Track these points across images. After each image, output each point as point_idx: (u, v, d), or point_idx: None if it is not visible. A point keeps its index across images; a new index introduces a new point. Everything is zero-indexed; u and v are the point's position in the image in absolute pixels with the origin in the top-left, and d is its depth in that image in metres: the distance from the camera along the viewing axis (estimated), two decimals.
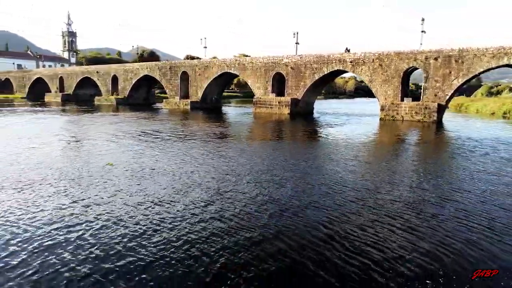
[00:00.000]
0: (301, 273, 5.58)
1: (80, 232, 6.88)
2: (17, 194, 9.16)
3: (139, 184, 10.28)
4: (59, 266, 5.59)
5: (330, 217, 7.94)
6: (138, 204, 8.55)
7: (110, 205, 8.47)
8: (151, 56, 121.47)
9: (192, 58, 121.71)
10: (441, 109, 32.21)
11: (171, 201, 8.85)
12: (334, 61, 37.53)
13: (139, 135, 21.16)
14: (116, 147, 16.77)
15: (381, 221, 7.74)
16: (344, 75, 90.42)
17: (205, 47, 55.44)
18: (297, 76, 39.87)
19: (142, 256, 5.96)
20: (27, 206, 8.25)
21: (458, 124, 32.56)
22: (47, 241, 6.47)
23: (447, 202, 9.25)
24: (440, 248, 6.44)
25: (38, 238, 6.60)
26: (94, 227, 7.13)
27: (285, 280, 5.42)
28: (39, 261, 5.74)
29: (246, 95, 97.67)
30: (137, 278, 5.31)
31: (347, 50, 39.44)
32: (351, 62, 36.60)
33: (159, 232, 6.98)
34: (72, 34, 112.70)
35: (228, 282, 5.25)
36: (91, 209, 8.17)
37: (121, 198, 8.96)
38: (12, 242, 6.42)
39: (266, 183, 10.61)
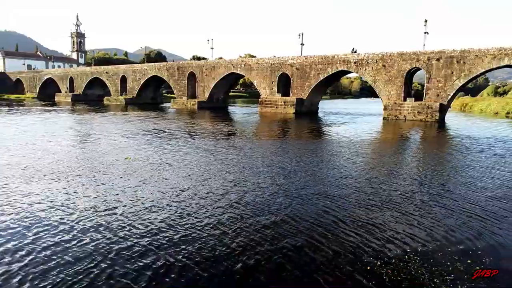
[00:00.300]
0: (311, 248, 6.56)
1: (118, 214, 7.92)
2: (55, 183, 10.24)
3: (160, 175, 11.33)
4: (108, 235, 6.62)
5: (335, 202, 8.90)
6: (163, 191, 9.60)
7: (139, 192, 9.52)
8: (158, 56, 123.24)
9: (199, 58, 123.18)
10: (443, 108, 32.94)
11: (193, 189, 9.87)
12: (338, 62, 38.40)
13: (151, 133, 22.27)
14: (131, 143, 17.87)
15: (380, 206, 8.70)
16: (350, 75, 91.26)
17: (212, 48, 56.55)
18: (302, 76, 40.79)
19: (173, 233, 6.99)
20: (68, 193, 9.32)
21: (459, 124, 33.28)
22: (89, 221, 7.53)
23: (437, 190, 10.17)
24: (426, 223, 7.39)
25: (82, 219, 7.65)
26: (128, 210, 8.16)
27: (299, 253, 6.39)
28: (89, 236, 6.78)
29: (251, 95, 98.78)
30: (169, 250, 6.32)
31: (354, 51, 40.30)
32: (355, 62, 37.44)
33: (185, 213, 7.99)
34: (80, 35, 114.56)
35: (247, 254, 6.24)
36: (123, 195, 9.22)
37: (146, 186, 10.01)
38: (63, 221, 7.48)
39: (277, 175, 11.59)
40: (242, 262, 5.95)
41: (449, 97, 32.90)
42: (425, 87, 34.15)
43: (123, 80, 59.02)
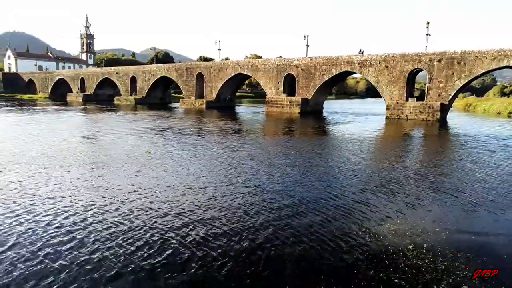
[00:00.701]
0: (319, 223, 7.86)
1: (149, 195, 9.30)
2: (91, 171, 11.69)
3: (180, 165, 12.73)
4: (145, 210, 8.00)
5: (334, 189, 10.20)
6: (185, 177, 10.99)
7: (164, 177, 10.92)
8: (166, 57, 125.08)
9: (206, 59, 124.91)
10: (444, 108, 33.98)
11: (211, 175, 11.23)
12: (342, 63, 39.58)
13: (165, 130, 23.70)
14: (147, 139, 19.29)
15: (380, 190, 9.98)
16: (355, 75, 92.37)
17: (219, 49, 57.97)
18: (307, 77, 42.03)
19: (196, 208, 8.35)
20: (102, 179, 10.74)
21: (460, 123, 34.27)
22: (137, 199, 8.91)
23: (431, 177, 11.41)
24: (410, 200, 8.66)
25: (118, 201, 9.04)
26: (158, 192, 9.54)
27: (310, 229, 7.70)
28: (127, 215, 8.17)
29: (257, 95, 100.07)
30: (194, 224, 7.67)
31: (361, 52, 41.35)
32: (358, 63, 38.60)
33: (205, 194, 9.34)
34: (90, 37, 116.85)
35: (260, 231, 7.55)
36: (153, 179, 10.61)
37: (170, 174, 11.38)
38: (102, 203, 8.87)
39: (283, 166, 12.90)
40: (261, 224, 7.28)
41: (450, 97, 33.93)
42: (426, 87, 35.20)
43: (133, 80, 60.69)
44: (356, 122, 33.81)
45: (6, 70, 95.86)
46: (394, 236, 7.12)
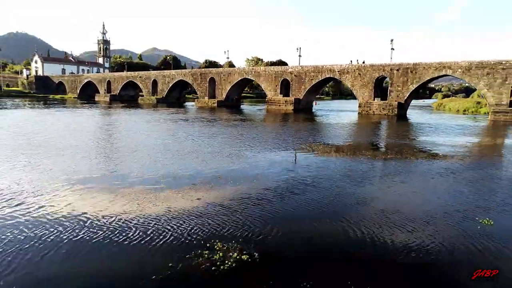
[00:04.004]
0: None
1: (186, 165, 20.20)
2: (143, 156, 22.61)
3: (219, 130, 23.67)
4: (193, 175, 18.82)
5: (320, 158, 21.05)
6: (211, 153, 21.93)
7: (198, 153, 21.82)
8: (174, 61, 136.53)
9: (211, 62, 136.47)
10: (400, 106, 44.83)
11: (233, 151, 22.10)
12: (326, 71, 50.52)
13: (195, 119, 34.58)
14: (191, 123, 30.18)
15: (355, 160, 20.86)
16: None
17: (228, 58, 69.05)
18: (299, 81, 52.95)
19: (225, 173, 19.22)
20: (155, 161, 21.65)
21: (415, 117, 45.00)
22: (172, 175, 19.81)
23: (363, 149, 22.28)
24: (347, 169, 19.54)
25: (164, 180, 19.91)
26: (192, 163, 20.41)
27: (305, 199, 18.48)
28: (173, 188, 19.06)
29: (258, 96, 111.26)
30: (222, 188, 18.54)
31: (351, 62, 52.07)
32: (338, 71, 49.52)
33: (227, 164, 20.18)
34: (106, 42, 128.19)
35: (270, 198, 18.24)
36: (185, 155, 21.49)
37: (202, 150, 22.25)
38: (151, 177, 19.76)
39: (281, 141, 23.78)
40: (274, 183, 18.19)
41: (405, 97, 44.79)
42: (388, 90, 46.10)
43: (154, 83, 71.75)
44: (336, 116, 44.74)
45: (33, 73, 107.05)
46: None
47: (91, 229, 7.41)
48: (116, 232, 7.27)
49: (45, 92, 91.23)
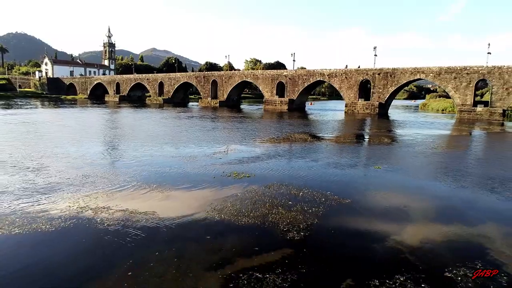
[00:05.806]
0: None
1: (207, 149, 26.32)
2: (165, 146, 28.77)
3: (221, 124, 29.79)
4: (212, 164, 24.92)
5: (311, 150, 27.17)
6: (215, 141, 28.06)
7: (205, 141, 27.95)
8: (176, 63, 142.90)
9: (211, 64, 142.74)
10: (381, 106, 50.98)
11: (237, 142, 28.21)
12: (317, 74, 56.72)
13: (201, 117, 40.67)
14: (198, 119, 36.27)
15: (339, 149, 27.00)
16: None
17: (229, 62, 75.03)
18: (293, 84, 59.14)
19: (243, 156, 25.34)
20: (177, 149, 27.78)
21: (396, 116, 51.17)
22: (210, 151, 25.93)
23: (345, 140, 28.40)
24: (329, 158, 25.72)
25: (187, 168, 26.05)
26: (199, 149, 26.51)
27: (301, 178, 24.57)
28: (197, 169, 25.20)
29: (256, 96, 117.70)
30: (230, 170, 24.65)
31: (346, 67, 58.35)
32: (328, 75, 55.74)
33: (235, 153, 26.27)
34: (111, 45, 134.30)
35: (272, 176, 24.43)
36: (209, 133, 27.61)
37: (209, 139, 28.34)
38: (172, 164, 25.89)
39: (278, 132, 29.89)
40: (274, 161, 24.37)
41: (386, 98, 50.99)
42: (371, 92, 52.32)
43: (161, 85, 77.87)
44: (324, 114, 50.93)
45: (44, 75, 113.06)
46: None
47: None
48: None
49: (56, 93, 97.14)
